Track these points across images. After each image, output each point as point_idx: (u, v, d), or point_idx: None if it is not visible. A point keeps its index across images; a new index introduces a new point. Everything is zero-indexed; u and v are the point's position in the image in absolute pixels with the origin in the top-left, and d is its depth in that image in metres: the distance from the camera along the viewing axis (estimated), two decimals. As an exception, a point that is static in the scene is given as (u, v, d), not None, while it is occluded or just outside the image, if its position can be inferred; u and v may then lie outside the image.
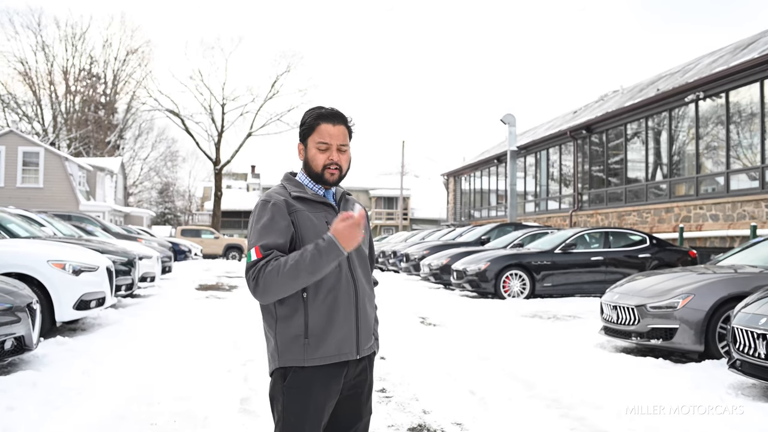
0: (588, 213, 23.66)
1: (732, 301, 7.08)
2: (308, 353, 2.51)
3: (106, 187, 40.57)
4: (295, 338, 2.51)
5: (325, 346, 2.51)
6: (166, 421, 4.80)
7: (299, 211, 2.56)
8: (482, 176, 36.02)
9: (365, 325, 2.63)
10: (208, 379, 6.12)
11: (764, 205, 15.43)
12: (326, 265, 2.40)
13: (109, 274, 8.91)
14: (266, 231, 2.50)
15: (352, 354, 2.57)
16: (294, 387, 2.52)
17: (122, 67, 55.10)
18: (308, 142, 2.63)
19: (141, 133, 60.68)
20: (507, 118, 25.46)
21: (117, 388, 5.65)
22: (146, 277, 13.27)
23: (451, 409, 5.33)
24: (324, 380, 2.53)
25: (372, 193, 60.79)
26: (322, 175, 2.61)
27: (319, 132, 2.60)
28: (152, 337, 8.29)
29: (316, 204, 2.62)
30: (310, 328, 2.51)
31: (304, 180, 2.67)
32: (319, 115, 2.62)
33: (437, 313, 11.31)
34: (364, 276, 2.66)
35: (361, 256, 2.68)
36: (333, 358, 2.53)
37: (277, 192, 2.63)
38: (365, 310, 2.63)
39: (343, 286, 2.56)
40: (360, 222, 2.41)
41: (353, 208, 2.68)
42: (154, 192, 72.41)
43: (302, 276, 2.39)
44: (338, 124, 2.62)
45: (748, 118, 16.73)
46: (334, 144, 2.60)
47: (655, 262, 14.01)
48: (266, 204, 2.56)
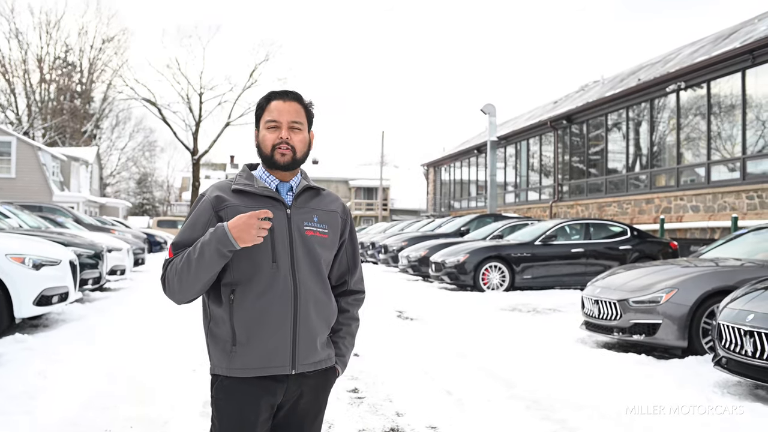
0: (568, 204, 23.52)
1: (716, 296, 6.88)
2: (232, 362, 2.26)
3: (81, 178, 39.88)
4: (222, 344, 2.28)
5: (250, 356, 2.24)
6: (122, 427, 4.49)
7: (231, 207, 2.29)
8: (462, 167, 35.81)
9: (307, 336, 2.30)
10: (171, 379, 5.81)
11: (745, 197, 15.33)
12: (215, 255, 2.15)
13: (73, 268, 8.55)
14: (185, 229, 2.32)
15: (285, 368, 2.27)
16: (221, 398, 2.29)
17: (98, 55, 54.15)
18: (260, 123, 2.38)
19: (118, 122, 59.86)
20: (487, 108, 25.23)
21: (73, 391, 5.33)
22: (116, 270, 12.88)
23: (427, 410, 5.07)
24: (252, 394, 2.26)
25: (351, 184, 60.45)
26: (272, 156, 2.33)
27: (269, 110, 2.36)
28: (116, 334, 7.95)
29: (260, 198, 2.32)
30: (237, 334, 2.25)
31: (259, 172, 2.41)
32: (270, 93, 2.40)
33: (415, 307, 11.06)
34: (313, 280, 2.33)
35: (312, 256, 2.33)
36: (259, 370, 2.25)
37: (219, 185, 2.39)
38: (308, 319, 2.30)
39: (279, 290, 2.25)
40: (257, 216, 2.11)
41: (322, 198, 2.43)
42: (132, 182, 71.63)
43: (193, 267, 2.17)
44: (290, 100, 2.36)
45: (729, 108, 16.61)
46: (284, 121, 2.33)
47: (636, 254, 13.86)
48: (200, 199, 2.38)
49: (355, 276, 2.56)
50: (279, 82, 50.29)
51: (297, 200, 2.37)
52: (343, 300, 2.52)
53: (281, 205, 2.33)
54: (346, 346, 2.50)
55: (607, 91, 22.25)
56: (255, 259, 2.24)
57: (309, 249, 2.33)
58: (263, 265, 2.25)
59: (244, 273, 2.25)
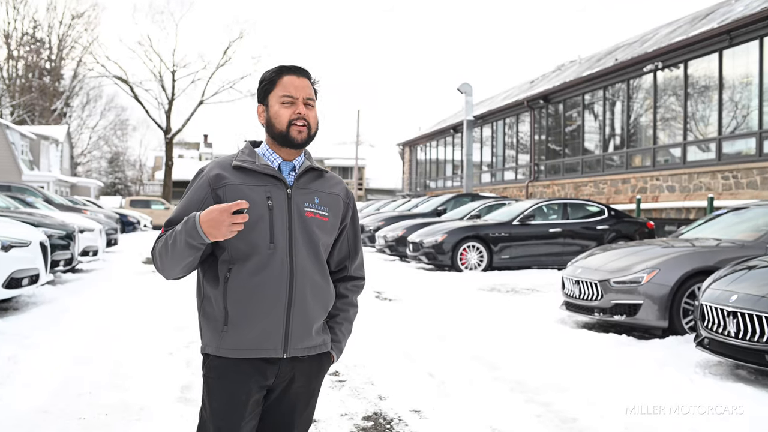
0: (544, 184, 23.55)
1: (697, 276, 6.88)
2: (222, 342, 2.21)
3: (51, 157, 39.17)
4: (214, 323, 2.23)
5: (241, 336, 2.19)
6: (96, 415, 4.34)
7: (230, 185, 2.21)
8: (438, 146, 35.71)
9: (301, 319, 2.23)
10: (147, 363, 5.66)
11: (720, 177, 15.42)
12: (185, 246, 2.08)
13: (44, 249, 8.32)
14: (180, 207, 2.25)
15: (276, 351, 2.21)
16: (211, 376, 2.25)
17: (68, 31, 52.97)
18: (270, 99, 2.28)
19: (89, 100, 58.77)
20: (464, 88, 25.10)
21: (45, 377, 5.16)
22: (88, 251, 12.60)
23: (409, 394, 4.99)
24: (243, 374, 2.21)
25: (327, 163, 60.14)
26: (288, 133, 2.24)
27: (283, 85, 2.26)
28: (90, 317, 7.76)
29: (261, 176, 2.24)
30: (230, 314, 2.19)
31: (263, 149, 2.33)
32: (281, 68, 2.30)
33: (393, 287, 10.97)
34: (310, 263, 2.25)
35: (311, 238, 2.26)
36: (249, 352, 2.20)
37: (220, 161, 2.31)
38: (303, 303, 2.22)
39: (275, 271, 2.18)
40: (228, 211, 1.99)
41: (325, 181, 2.34)
42: (104, 162, 70.62)
43: (169, 252, 2.14)
44: (302, 76, 2.29)
45: (705, 89, 16.65)
46: (300, 96, 2.25)
47: (613, 234, 13.88)
48: (197, 175, 2.31)
49: (355, 262, 2.49)
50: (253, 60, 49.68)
51: (299, 180, 2.28)
52: (342, 286, 2.46)
53: (282, 185, 2.25)
54: (343, 333, 2.43)
55: (584, 71, 22.22)
56: (252, 238, 2.18)
57: (308, 231, 2.25)
58: (260, 245, 2.18)
59: (241, 252, 2.19)
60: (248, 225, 2.14)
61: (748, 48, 15.12)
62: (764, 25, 14.35)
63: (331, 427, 4.29)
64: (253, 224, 2.16)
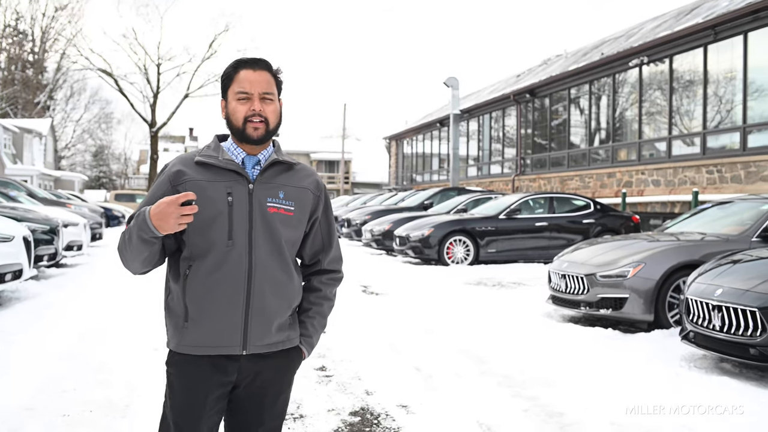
0: (530, 178, 23.60)
1: (682, 270, 6.91)
2: (182, 338, 2.21)
3: (35, 150, 38.84)
4: (176, 319, 2.23)
5: (200, 333, 2.18)
6: (81, 412, 4.30)
7: (190, 181, 2.18)
8: (425, 140, 35.71)
9: (261, 316, 2.20)
10: (132, 360, 5.61)
11: (705, 171, 15.51)
12: (139, 241, 2.09)
13: (27, 244, 8.23)
14: (143, 203, 2.23)
15: (234, 348, 2.19)
16: (172, 373, 2.25)
17: (51, 23, 52.53)
18: (228, 94, 2.25)
19: (73, 93, 58.30)
20: (450, 81, 25.07)
21: (29, 373, 5.11)
22: (73, 246, 12.49)
23: (397, 388, 4.98)
24: (204, 371, 2.20)
25: (313, 157, 59.97)
26: (244, 130, 2.21)
27: (239, 80, 2.22)
28: (74, 312, 7.70)
29: (223, 171, 2.21)
30: (189, 311, 2.18)
31: (228, 144, 2.29)
32: (238, 62, 2.25)
33: (380, 281, 10.96)
34: (271, 259, 2.21)
35: (272, 234, 2.21)
36: (207, 349, 2.18)
37: (183, 158, 2.29)
38: (262, 300, 2.19)
39: (232, 268, 2.16)
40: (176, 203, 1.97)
41: (294, 174, 2.30)
42: (88, 155, 70.13)
43: (127, 247, 2.15)
44: (260, 69, 2.23)
45: (690, 83, 16.73)
46: (255, 92, 2.20)
47: (599, 228, 13.93)
48: (162, 171, 2.29)
49: (329, 255, 2.43)
50: (239, 53, 49.33)
51: (263, 175, 2.24)
52: (316, 279, 2.42)
53: (244, 180, 2.21)
54: (315, 327, 2.38)
55: (570, 65, 22.26)
56: (211, 235, 2.16)
57: (270, 227, 2.21)
58: (218, 241, 2.16)
59: (199, 249, 2.17)
60: (207, 221, 2.13)
61: (733, 43, 15.20)
62: (748, 20, 14.43)
63: (318, 422, 4.27)
64: (211, 221, 2.14)
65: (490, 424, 4.24)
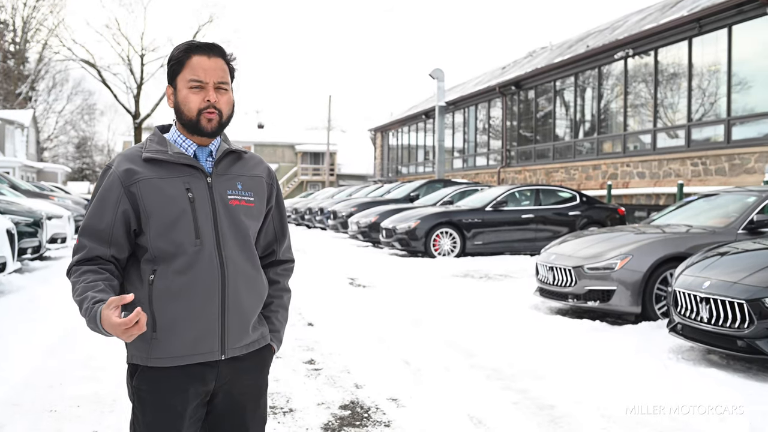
0: (516, 170, 23.65)
1: (669, 262, 6.94)
2: (152, 351, 2.02)
3: (17, 142, 38.43)
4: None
5: (173, 343, 2.01)
6: (68, 407, 4.26)
7: (144, 180, 2.03)
8: (410, 132, 35.66)
9: (237, 317, 2.08)
10: (119, 354, 5.55)
11: (689, 163, 15.59)
12: (88, 322, 1.94)
13: (11, 237, 8.15)
14: (93, 211, 2.08)
15: (213, 354, 2.05)
16: (143, 389, 2.05)
17: (32, 13, 51.76)
18: (178, 81, 2.08)
19: (55, 84, 57.58)
20: (436, 73, 25.03)
21: (15, 368, 5.06)
22: (57, 238, 12.38)
23: (386, 382, 4.97)
24: (180, 382, 2.03)
25: (298, 148, 59.79)
26: (198, 122, 2.06)
27: (191, 67, 2.06)
28: (59, 305, 7.61)
29: (176, 166, 2.06)
30: (158, 320, 2.00)
31: (173, 135, 2.14)
32: (189, 46, 2.09)
33: (367, 274, 10.95)
34: (241, 255, 2.10)
35: (239, 228, 2.11)
36: (184, 359, 2.02)
37: (128, 154, 2.10)
38: (238, 299, 2.07)
39: (204, 268, 2.02)
40: (126, 326, 1.80)
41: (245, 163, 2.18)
42: (71, 147, 69.50)
43: (77, 304, 2.00)
44: (215, 56, 2.09)
45: (675, 76, 16.79)
46: (210, 81, 2.06)
47: (585, 220, 13.99)
48: (105, 173, 2.10)
49: (283, 245, 2.33)
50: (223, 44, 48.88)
51: (218, 166, 2.11)
52: (272, 271, 2.30)
53: (201, 173, 2.08)
54: (280, 321, 2.28)
55: (556, 58, 22.29)
56: (176, 236, 2.01)
57: (235, 220, 2.09)
58: (185, 242, 2.01)
59: (165, 252, 2.01)
60: (169, 222, 2.00)
61: (717, 36, 15.26)
62: (733, 13, 14.49)
63: (308, 416, 4.25)
64: (175, 220, 2.00)
65: (481, 417, 4.24)
